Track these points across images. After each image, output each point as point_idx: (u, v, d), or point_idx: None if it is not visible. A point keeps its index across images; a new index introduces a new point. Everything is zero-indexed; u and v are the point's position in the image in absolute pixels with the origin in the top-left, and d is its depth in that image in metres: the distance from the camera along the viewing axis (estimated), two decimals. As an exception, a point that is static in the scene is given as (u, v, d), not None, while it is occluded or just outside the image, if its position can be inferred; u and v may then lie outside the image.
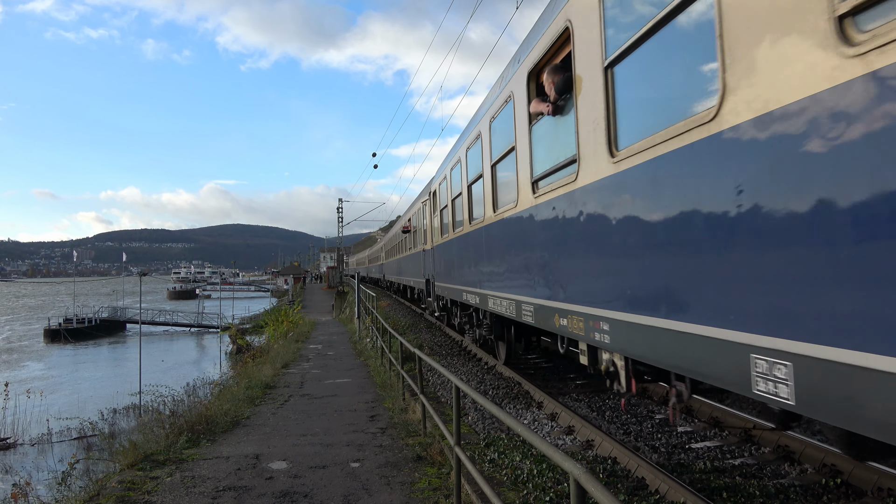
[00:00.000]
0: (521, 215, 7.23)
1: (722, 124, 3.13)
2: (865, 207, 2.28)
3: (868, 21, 2.24)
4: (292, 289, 75.95)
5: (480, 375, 12.23)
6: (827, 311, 2.53)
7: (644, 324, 4.17)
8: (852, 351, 2.38)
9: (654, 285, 4.05)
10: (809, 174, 2.57)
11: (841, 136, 2.38)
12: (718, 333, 3.28)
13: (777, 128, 2.74)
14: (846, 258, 2.42)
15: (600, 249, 5.04)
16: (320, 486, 6.00)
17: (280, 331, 27.05)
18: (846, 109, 2.33)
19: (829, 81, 2.41)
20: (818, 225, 2.54)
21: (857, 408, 2.37)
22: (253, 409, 9.87)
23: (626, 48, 4.22)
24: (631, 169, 4.27)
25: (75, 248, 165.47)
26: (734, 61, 3.04)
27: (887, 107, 2.15)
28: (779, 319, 2.82)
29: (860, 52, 2.24)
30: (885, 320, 2.23)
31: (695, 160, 3.43)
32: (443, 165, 14.20)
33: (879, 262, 2.25)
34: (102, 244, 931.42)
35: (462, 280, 11.71)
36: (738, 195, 3.03)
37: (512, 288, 7.97)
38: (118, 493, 5.90)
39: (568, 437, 7.81)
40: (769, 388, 2.88)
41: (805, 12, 2.51)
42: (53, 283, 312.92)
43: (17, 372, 37.67)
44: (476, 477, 4.30)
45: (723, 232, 3.21)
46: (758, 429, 7.16)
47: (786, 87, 2.67)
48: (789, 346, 2.74)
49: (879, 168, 2.21)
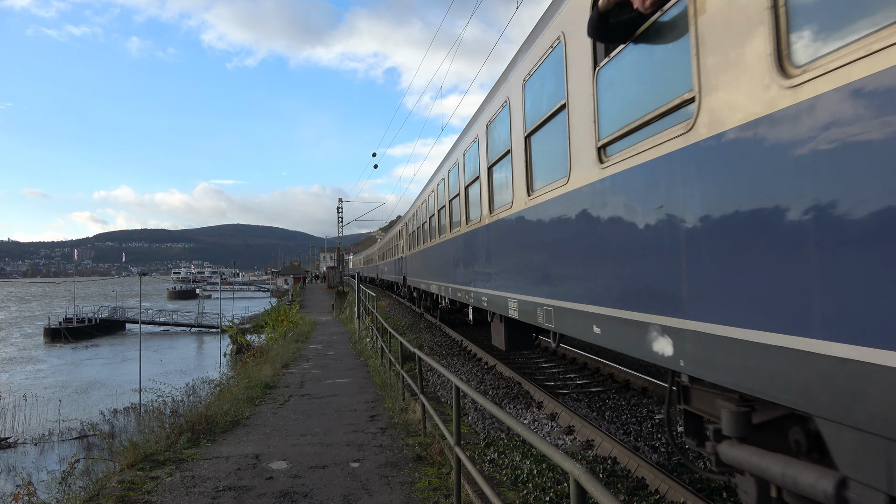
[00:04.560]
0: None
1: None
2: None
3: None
4: (292, 289, 75.96)
5: (480, 375, 12.24)
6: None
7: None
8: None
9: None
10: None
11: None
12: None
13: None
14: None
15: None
16: (320, 486, 6.00)
17: (280, 331, 27.05)
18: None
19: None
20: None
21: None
22: (253, 409, 9.87)
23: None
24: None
25: (75, 248, 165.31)
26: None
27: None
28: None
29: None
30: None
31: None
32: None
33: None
34: (102, 244, 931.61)
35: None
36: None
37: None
38: (118, 493, 5.90)
39: (568, 437, 7.82)
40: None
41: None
42: (53, 283, 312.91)
43: (16, 373, 37.68)
44: (476, 477, 4.30)
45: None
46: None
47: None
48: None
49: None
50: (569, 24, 5.18)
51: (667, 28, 3.66)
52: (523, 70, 6.71)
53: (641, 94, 3.98)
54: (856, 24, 2.29)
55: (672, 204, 3.54)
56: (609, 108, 4.48)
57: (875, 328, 2.20)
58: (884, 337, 2.16)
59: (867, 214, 2.23)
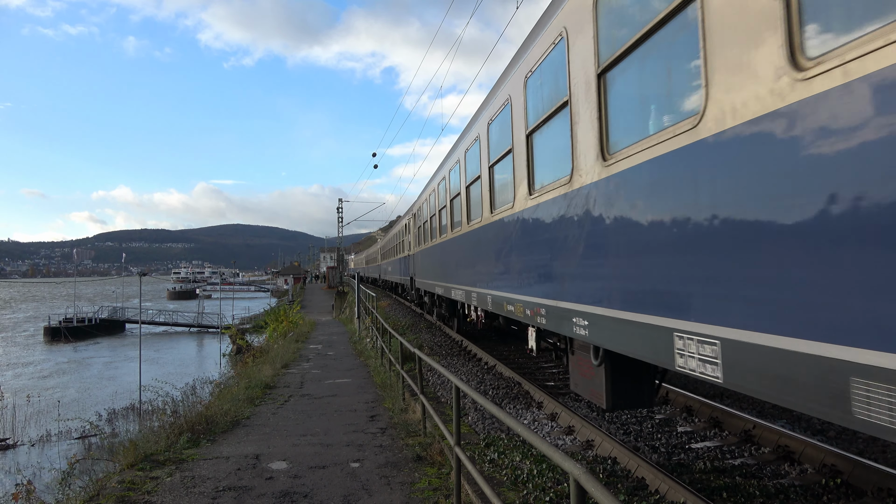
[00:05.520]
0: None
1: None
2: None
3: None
4: (292, 289, 75.95)
5: (480, 375, 12.24)
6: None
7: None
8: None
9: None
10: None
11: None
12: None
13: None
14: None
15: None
16: (320, 486, 6.00)
17: (280, 331, 27.04)
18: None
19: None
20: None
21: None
22: (253, 410, 9.87)
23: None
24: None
25: (75, 249, 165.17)
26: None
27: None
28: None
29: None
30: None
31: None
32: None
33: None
34: (102, 244, 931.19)
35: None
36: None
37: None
38: (118, 493, 5.90)
39: (568, 437, 7.81)
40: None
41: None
42: (53, 283, 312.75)
43: (16, 372, 37.68)
44: (476, 477, 4.30)
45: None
46: (758, 429, 7.16)
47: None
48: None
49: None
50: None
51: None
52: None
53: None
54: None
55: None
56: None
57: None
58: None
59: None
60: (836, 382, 2.43)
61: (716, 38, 3.17)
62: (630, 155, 4.14)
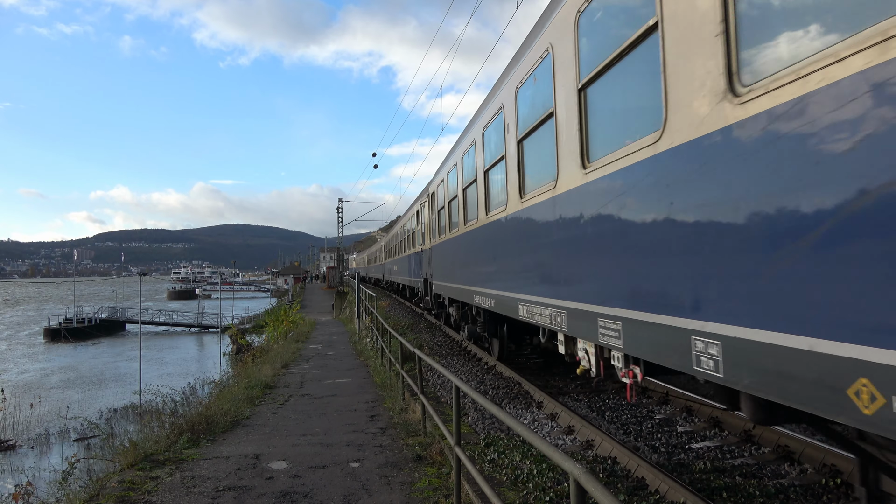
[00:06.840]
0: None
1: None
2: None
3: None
4: (292, 289, 75.97)
5: (480, 375, 12.24)
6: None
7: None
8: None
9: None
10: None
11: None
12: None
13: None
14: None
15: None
16: (320, 486, 6.00)
17: (280, 331, 27.04)
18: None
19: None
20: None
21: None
22: (253, 409, 9.87)
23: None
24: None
25: (75, 249, 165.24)
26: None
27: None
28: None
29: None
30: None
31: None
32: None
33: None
34: (102, 244, 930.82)
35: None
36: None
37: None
38: (118, 493, 5.90)
39: (568, 437, 7.82)
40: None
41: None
42: (54, 283, 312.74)
43: (17, 373, 37.67)
44: (476, 477, 4.30)
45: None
46: (758, 429, 7.16)
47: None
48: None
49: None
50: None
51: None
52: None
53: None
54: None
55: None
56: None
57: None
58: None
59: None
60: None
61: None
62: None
